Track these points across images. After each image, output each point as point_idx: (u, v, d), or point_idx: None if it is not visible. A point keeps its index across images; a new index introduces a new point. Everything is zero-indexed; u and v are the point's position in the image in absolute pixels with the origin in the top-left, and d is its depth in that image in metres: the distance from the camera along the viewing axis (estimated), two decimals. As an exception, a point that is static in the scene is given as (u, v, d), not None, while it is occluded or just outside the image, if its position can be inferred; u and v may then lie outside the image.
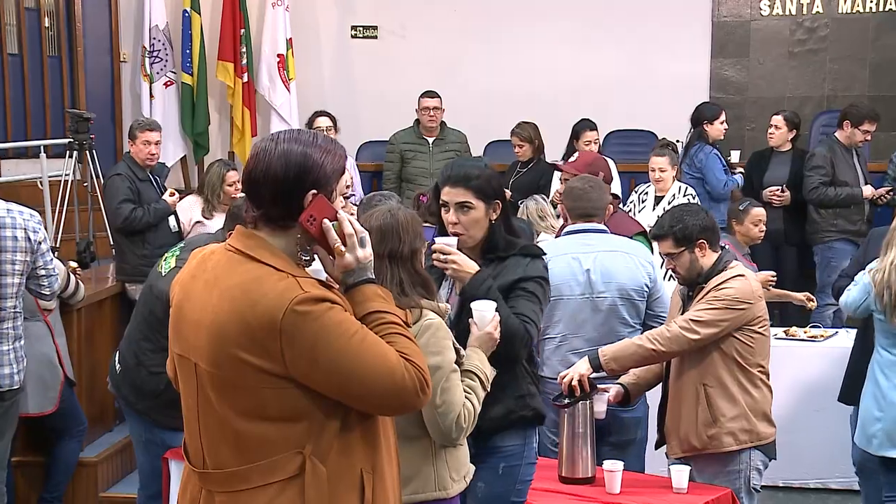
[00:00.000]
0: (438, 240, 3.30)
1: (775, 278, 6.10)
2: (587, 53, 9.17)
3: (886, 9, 9.00)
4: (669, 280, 4.39)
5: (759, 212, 5.98)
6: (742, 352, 4.04)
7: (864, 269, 4.73)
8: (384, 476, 2.29)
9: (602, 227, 4.48)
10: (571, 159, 5.60)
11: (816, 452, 5.70)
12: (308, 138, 2.26)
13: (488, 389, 3.08)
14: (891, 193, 7.20)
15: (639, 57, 9.18)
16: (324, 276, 2.31)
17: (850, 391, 4.87)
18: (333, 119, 7.73)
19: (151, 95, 9.03)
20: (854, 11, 9.07)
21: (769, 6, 9.21)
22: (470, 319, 3.14)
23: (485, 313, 3.12)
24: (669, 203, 6.64)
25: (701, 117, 7.59)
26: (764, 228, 5.98)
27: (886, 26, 9.02)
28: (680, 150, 7.55)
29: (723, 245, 4.27)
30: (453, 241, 3.29)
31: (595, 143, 7.54)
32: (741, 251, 5.72)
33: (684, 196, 6.68)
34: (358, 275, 2.27)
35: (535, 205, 6.31)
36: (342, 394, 2.18)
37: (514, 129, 7.78)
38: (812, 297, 6.33)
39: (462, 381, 2.99)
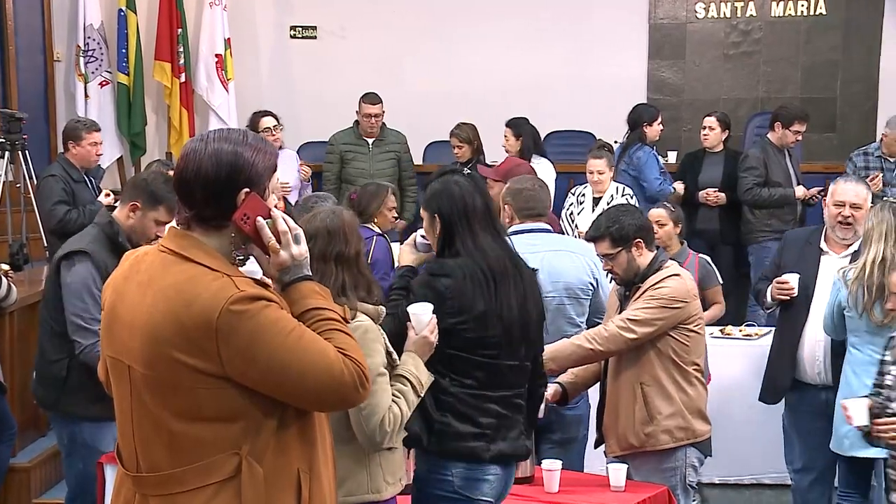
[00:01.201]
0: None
1: None
2: (526, 54, 9.21)
3: (817, 13, 9.18)
4: (611, 282, 4.43)
5: (657, 213, 5.62)
6: (678, 350, 4.08)
7: (779, 269, 4.83)
8: (321, 476, 2.29)
9: (548, 226, 4.51)
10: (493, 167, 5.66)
11: (750, 449, 5.79)
12: (238, 137, 2.26)
13: (422, 395, 3.08)
14: (822, 194, 7.33)
15: (577, 58, 9.24)
16: (259, 274, 2.30)
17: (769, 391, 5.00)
18: (277, 118, 7.69)
19: (86, 95, 8.89)
20: (786, 15, 9.24)
21: (704, 9, 9.34)
22: (407, 323, 3.14)
23: (421, 316, 3.12)
24: (608, 204, 6.70)
25: (640, 119, 7.66)
26: (660, 231, 5.44)
27: (817, 30, 9.19)
28: (616, 150, 7.61)
29: (657, 245, 4.31)
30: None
31: (506, 139, 7.56)
32: None
33: (622, 196, 6.74)
34: (294, 272, 2.27)
35: None
36: (280, 391, 2.17)
37: (453, 131, 7.80)
38: None
39: (393, 385, 2.97)
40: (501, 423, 3.20)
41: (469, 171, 3.33)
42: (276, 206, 2.28)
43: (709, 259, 5.93)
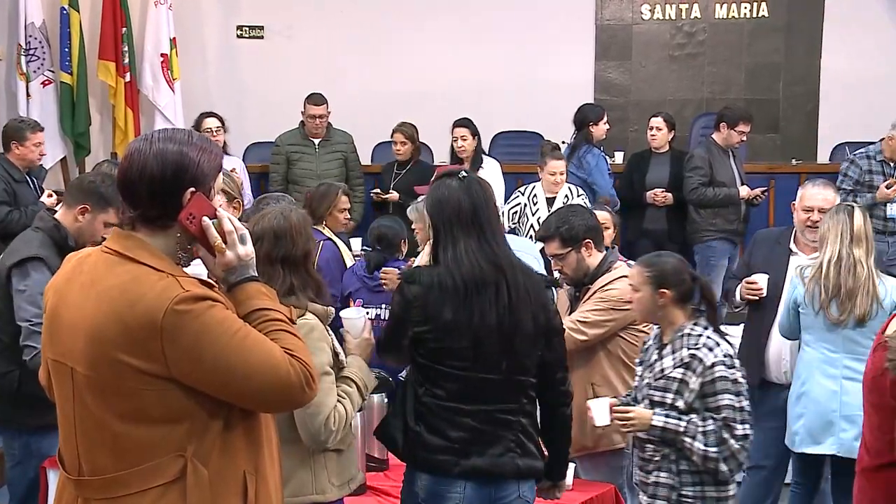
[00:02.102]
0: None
1: None
2: (474, 55, 9.23)
3: (759, 15, 9.31)
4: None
5: (603, 216, 5.21)
6: (627, 351, 4.12)
7: (749, 269, 4.89)
8: (267, 477, 2.28)
9: None
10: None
11: (697, 445, 5.83)
12: (183, 137, 2.25)
13: (366, 398, 3.08)
14: (765, 194, 7.44)
15: (524, 59, 9.28)
16: (204, 275, 2.29)
17: None
18: (222, 120, 7.64)
19: (28, 95, 8.74)
20: (730, 17, 9.35)
21: (650, 10, 9.43)
22: (341, 329, 3.15)
23: (355, 321, 3.15)
24: (563, 204, 6.74)
25: (586, 119, 7.71)
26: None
27: (760, 32, 9.32)
28: (564, 151, 7.65)
29: (607, 245, 4.35)
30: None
31: (462, 139, 7.57)
32: None
33: (578, 197, 6.78)
34: (240, 272, 2.26)
35: (423, 206, 6.31)
36: (226, 392, 2.16)
37: (396, 128, 7.78)
38: None
39: (339, 386, 2.98)
40: (476, 438, 3.06)
41: (466, 174, 3.18)
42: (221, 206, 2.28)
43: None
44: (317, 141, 7.85)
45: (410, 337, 3.06)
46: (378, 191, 7.69)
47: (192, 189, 2.21)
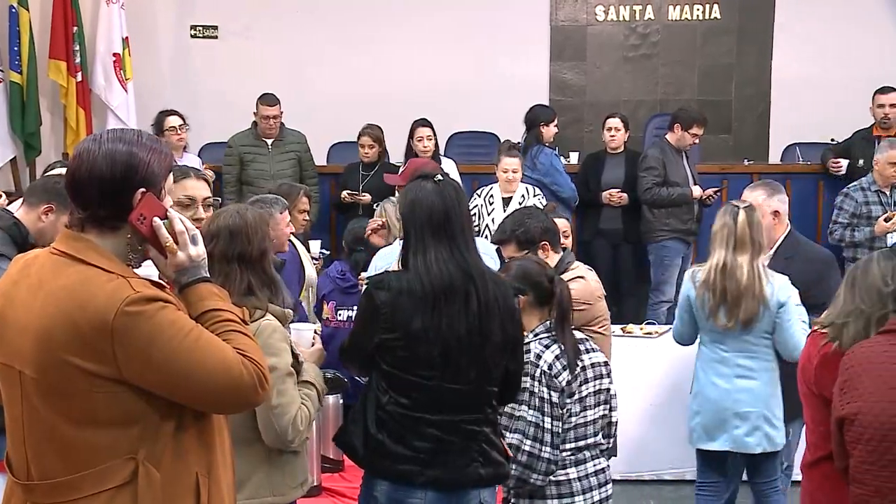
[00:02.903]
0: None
1: None
2: (429, 56, 9.24)
3: (712, 17, 9.41)
4: None
5: (563, 223, 5.14)
6: None
7: None
8: (220, 480, 2.27)
9: None
10: (401, 171, 5.66)
11: (651, 445, 5.89)
12: (132, 137, 2.24)
13: (322, 404, 3.08)
14: (717, 194, 7.51)
15: (480, 60, 9.31)
16: (156, 276, 2.28)
17: None
18: (184, 118, 7.59)
19: (-23, 94, 8.65)
20: (683, 19, 9.44)
21: (604, 12, 9.48)
22: (292, 341, 3.14)
23: (304, 333, 3.20)
24: (519, 204, 6.76)
25: (537, 119, 7.74)
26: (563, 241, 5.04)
27: (712, 34, 9.42)
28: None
29: (563, 246, 4.37)
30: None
31: (428, 139, 7.59)
32: None
33: (534, 197, 6.81)
34: (192, 273, 2.25)
35: (393, 207, 6.30)
36: (179, 393, 2.15)
37: (364, 131, 7.74)
38: None
39: (299, 388, 2.98)
40: (441, 448, 3.02)
41: (441, 177, 3.12)
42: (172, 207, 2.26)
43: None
44: (270, 141, 7.80)
45: (376, 344, 3.00)
46: (350, 191, 7.65)
47: (143, 190, 2.19)
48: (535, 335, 3.48)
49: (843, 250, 6.77)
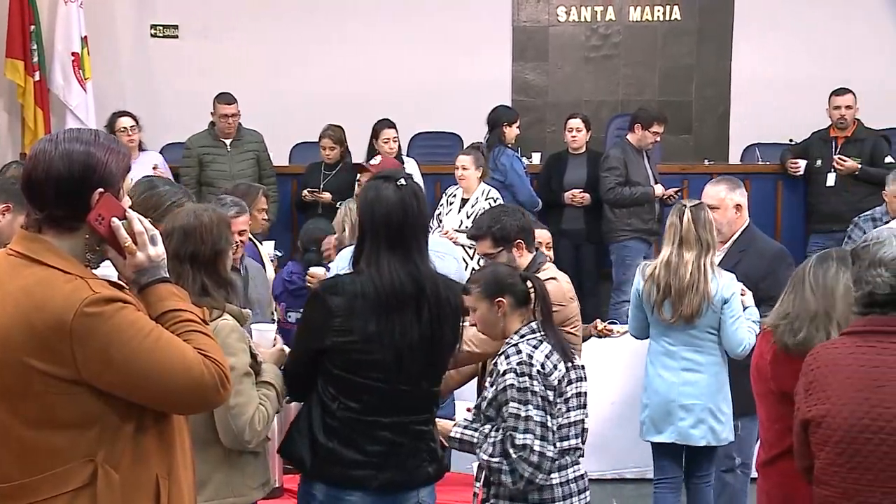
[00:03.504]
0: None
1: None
2: (392, 56, 9.23)
3: (672, 18, 9.48)
4: None
5: (541, 234, 4.84)
6: None
7: None
8: (180, 481, 2.26)
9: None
10: (373, 161, 5.64)
11: (612, 444, 5.92)
12: (90, 137, 2.22)
13: (283, 404, 3.06)
14: (678, 194, 7.56)
15: (443, 60, 9.30)
16: (114, 277, 2.26)
17: None
18: (136, 119, 7.51)
19: (-68, 94, 8.53)
20: (643, 20, 9.50)
21: (566, 12, 9.52)
22: (252, 341, 3.11)
23: (265, 333, 3.17)
24: (473, 206, 6.78)
25: (500, 119, 7.76)
26: (545, 252, 4.78)
27: (673, 35, 9.49)
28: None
29: (536, 246, 4.39)
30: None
31: (394, 140, 7.58)
32: None
33: (486, 199, 6.82)
34: (151, 274, 2.24)
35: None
36: (139, 394, 2.14)
37: (326, 132, 7.74)
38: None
39: (258, 389, 2.96)
40: (394, 451, 3.02)
41: (405, 181, 3.08)
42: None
43: None
44: (228, 141, 7.74)
45: (327, 347, 2.96)
46: (311, 189, 7.62)
47: (101, 190, 2.18)
48: (522, 336, 3.44)
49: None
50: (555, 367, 3.42)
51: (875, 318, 2.83)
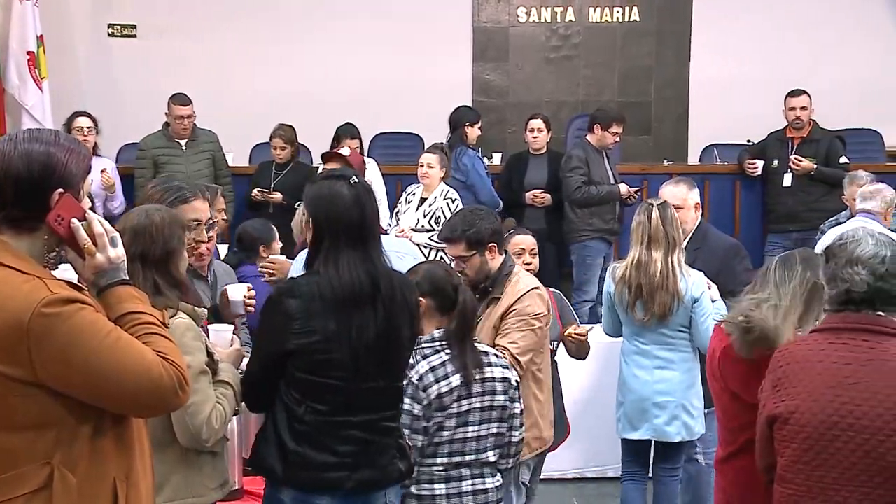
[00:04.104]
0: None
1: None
2: (353, 56, 9.21)
3: (631, 19, 9.55)
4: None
5: (520, 239, 4.83)
6: (535, 359, 4.16)
7: None
8: (138, 484, 2.25)
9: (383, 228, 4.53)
10: (345, 151, 5.64)
11: (574, 443, 5.90)
12: (49, 137, 2.22)
13: (240, 403, 3.04)
14: (638, 194, 7.61)
15: (403, 60, 9.30)
16: (73, 278, 2.24)
17: None
18: (94, 119, 7.44)
19: None
20: (603, 21, 9.56)
21: (526, 13, 9.56)
22: (209, 342, 3.09)
23: (223, 333, 3.15)
24: (431, 205, 6.78)
25: (462, 119, 7.77)
26: (530, 260, 4.75)
27: (632, 36, 9.56)
28: (443, 151, 7.71)
29: (519, 252, 4.40)
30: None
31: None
32: None
33: (444, 199, 6.81)
34: (111, 276, 2.23)
35: None
36: (97, 396, 2.13)
37: (277, 132, 7.71)
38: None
39: (215, 388, 2.94)
40: (365, 449, 3.02)
41: (357, 179, 3.07)
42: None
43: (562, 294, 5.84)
44: (183, 142, 7.68)
45: (290, 350, 2.94)
46: (261, 189, 7.58)
47: (61, 190, 2.17)
48: (419, 344, 3.41)
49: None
50: (438, 380, 3.41)
51: (849, 314, 2.83)
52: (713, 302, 4.63)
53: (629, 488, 4.89)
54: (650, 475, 4.94)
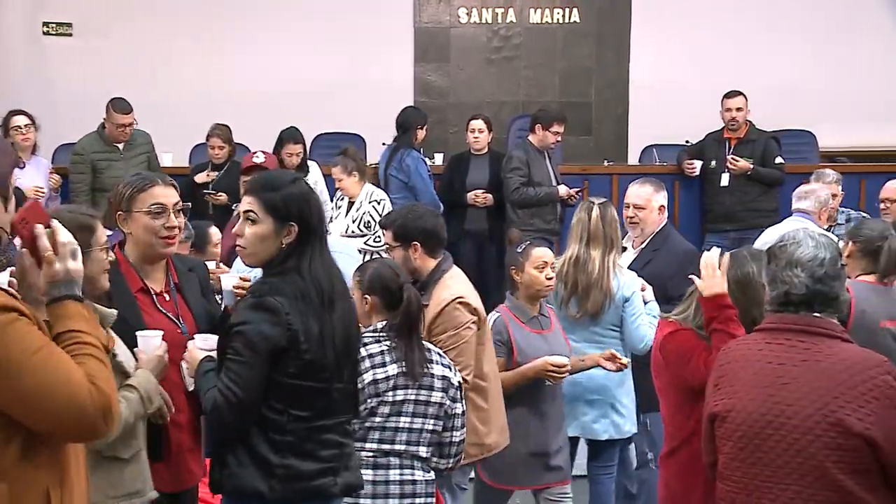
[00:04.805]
0: (197, 337, 3.11)
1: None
2: (294, 56, 9.18)
3: (571, 21, 9.62)
4: None
5: (542, 252, 4.45)
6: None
7: None
8: (73, 491, 2.20)
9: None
10: (259, 160, 5.66)
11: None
12: None
13: (149, 409, 2.96)
14: (579, 194, 7.67)
15: (345, 60, 9.29)
16: (4, 282, 2.20)
17: None
18: (31, 117, 7.30)
19: None
20: (543, 22, 9.63)
21: (467, 14, 9.59)
22: (135, 349, 3.04)
23: (150, 340, 3.06)
24: (358, 209, 6.77)
25: (413, 122, 7.77)
26: (552, 274, 4.44)
27: (572, 37, 9.63)
28: (383, 152, 7.70)
29: (444, 252, 4.39)
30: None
31: (297, 155, 7.51)
32: (525, 317, 4.41)
33: (370, 202, 6.79)
34: (65, 288, 2.17)
35: None
36: (17, 410, 2.06)
37: (214, 131, 7.63)
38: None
39: (119, 391, 2.86)
40: (342, 451, 3.00)
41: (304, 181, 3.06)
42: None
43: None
44: (121, 146, 7.54)
45: (280, 350, 2.85)
46: (208, 191, 7.50)
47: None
48: (362, 334, 3.42)
49: None
50: (374, 366, 3.43)
51: (786, 316, 2.86)
52: (646, 303, 4.70)
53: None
54: (582, 474, 4.97)
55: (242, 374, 2.87)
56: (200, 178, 7.49)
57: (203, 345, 3.07)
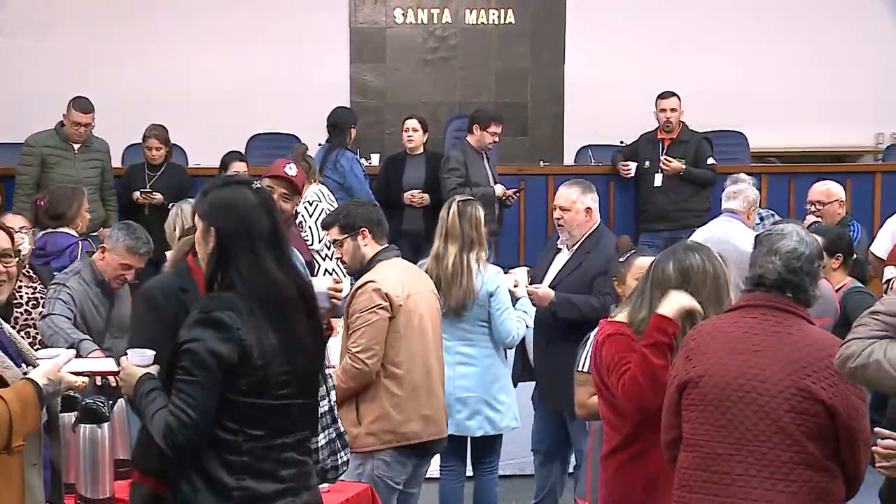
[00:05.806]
0: (131, 352, 2.86)
1: None
2: (229, 56, 9.10)
3: (507, 21, 9.67)
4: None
5: (645, 262, 3.79)
6: (387, 353, 4.17)
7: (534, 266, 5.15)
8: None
9: None
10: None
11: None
12: None
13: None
14: (516, 194, 7.70)
15: (281, 60, 9.23)
16: None
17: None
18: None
19: None
20: (479, 23, 9.66)
21: (402, 14, 9.58)
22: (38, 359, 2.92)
23: (51, 360, 2.85)
24: (307, 209, 6.75)
25: (343, 122, 7.75)
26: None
27: (508, 38, 9.68)
28: (318, 153, 7.67)
29: (392, 246, 4.42)
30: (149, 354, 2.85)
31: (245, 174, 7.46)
32: None
33: (301, 204, 6.77)
34: None
35: (190, 208, 6.12)
36: None
37: (152, 132, 7.55)
38: None
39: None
40: (301, 470, 2.84)
41: (259, 185, 2.94)
42: None
43: None
44: (77, 146, 7.42)
45: (231, 366, 2.69)
46: (143, 191, 7.41)
47: None
48: None
49: None
50: None
51: (759, 294, 3.09)
52: (518, 299, 4.77)
53: (446, 484, 5.01)
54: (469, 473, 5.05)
55: (195, 394, 2.69)
56: (139, 198, 7.41)
57: (139, 360, 2.83)
